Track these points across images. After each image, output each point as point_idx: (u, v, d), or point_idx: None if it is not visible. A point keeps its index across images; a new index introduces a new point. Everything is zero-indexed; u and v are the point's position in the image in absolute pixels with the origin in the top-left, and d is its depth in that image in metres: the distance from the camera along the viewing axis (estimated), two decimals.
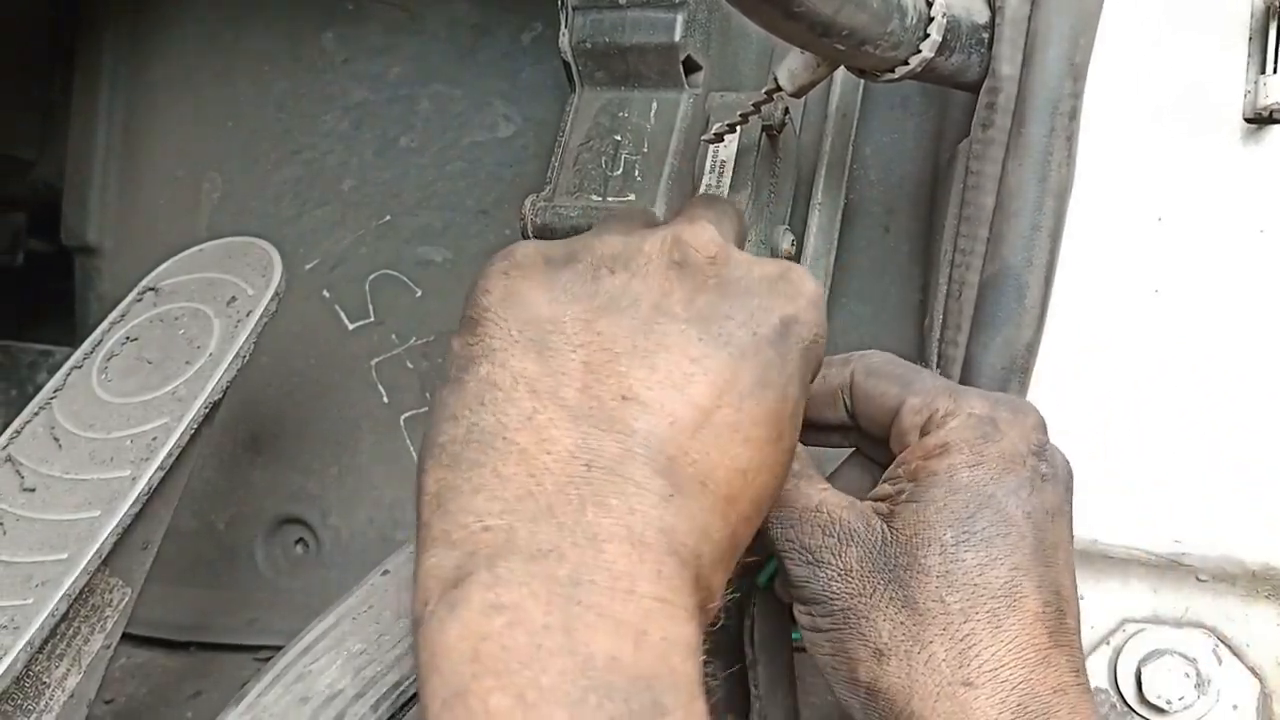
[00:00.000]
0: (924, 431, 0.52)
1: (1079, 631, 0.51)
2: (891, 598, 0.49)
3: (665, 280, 0.44)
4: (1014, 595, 0.48)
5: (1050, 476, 0.51)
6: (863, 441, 0.59)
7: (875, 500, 0.52)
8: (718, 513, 0.42)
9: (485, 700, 0.34)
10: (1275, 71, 0.60)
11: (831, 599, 0.51)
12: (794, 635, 0.71)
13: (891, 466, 0.53)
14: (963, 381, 0.61)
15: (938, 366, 0.64)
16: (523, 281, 0.44)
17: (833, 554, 0.51)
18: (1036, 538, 0.50)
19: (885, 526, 0.50)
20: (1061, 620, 0.49)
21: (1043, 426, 0.53)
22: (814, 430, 0.60)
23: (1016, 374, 0.61)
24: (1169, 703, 0.59)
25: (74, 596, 0.62)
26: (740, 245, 0.51)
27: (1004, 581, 0.48)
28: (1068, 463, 0.54)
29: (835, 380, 0.56)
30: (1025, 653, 0.48)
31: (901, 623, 0.49)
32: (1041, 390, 0.60)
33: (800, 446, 0.55)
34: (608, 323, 0.42)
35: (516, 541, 0.37)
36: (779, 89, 0.61)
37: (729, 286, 0.45)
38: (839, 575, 0.51)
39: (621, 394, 0.41)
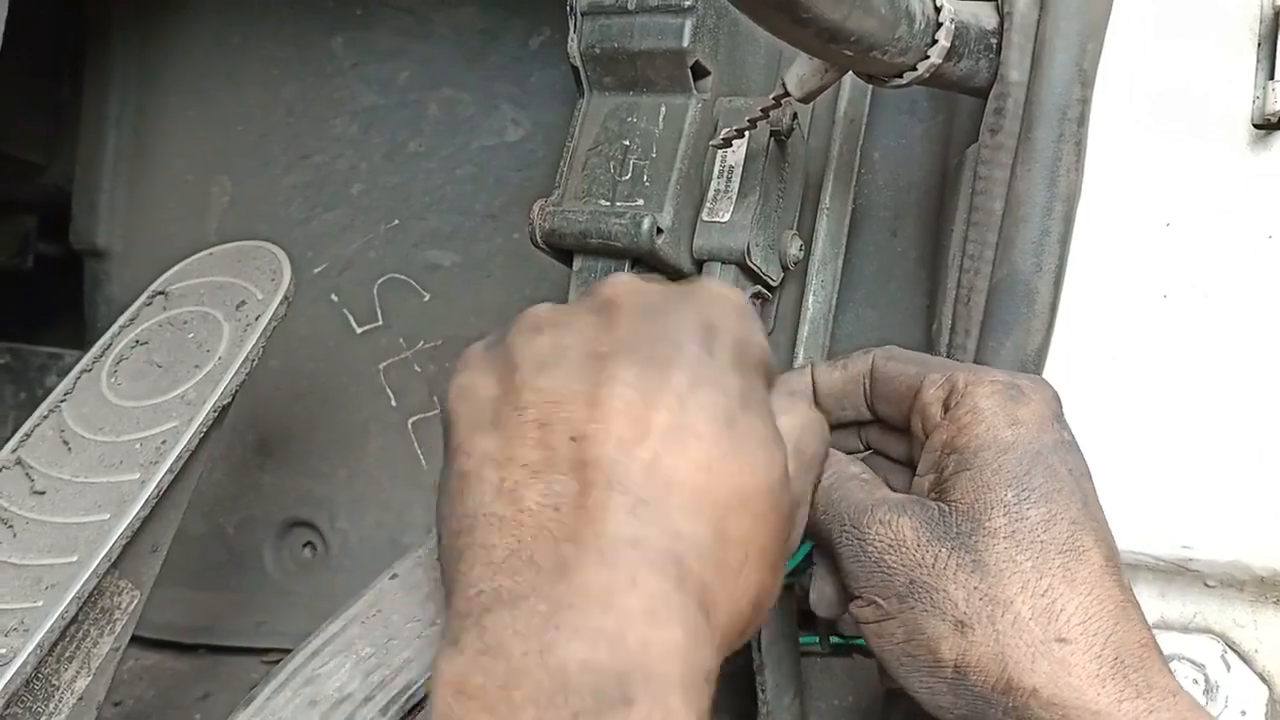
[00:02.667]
0: (947, 406, 0.52)
1: (1133, 594, 0.50)
2: (959, 563, 0.49)
3: (590, 326, 0.46)
4: (1078, 549, 0.48)
5: (1074, 444, 0.52)
6: (879, 437, 0.59)
7: (926, 493, 0.52)
8: (688, 509, 0.42)
9: None
10: None
11: (890, 574, 0.50)
12: (802, 640, 0.71)
13: (925, 452, 0.53)
14: None
15: None
16: (470, 374, 0.47)
17: (882, 524, 0.51)
18: (1083, 494, 0.50)
19: (941, 504, 0.50)
20: (1121, 577, 0.49)
21: (1059, 399, 0.53)
22: (831, 430, 0.59)
23: None
24: None
25: (83, 599, 0.63)
26: None
27: (1066, 536, 0.48)
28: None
29: (857, 368, 0.57)
30: (1105, 605, 0.48)
31: (975, 587, 0.48)
32: None
33: (864, 465, 0.56)
34: (546, 378, 0.44)
35: (501, 596, 0.40)
36: (787, 94, 0.61)
37: (648, 313, 0.47)
38: (891, 546, 0.50)
39: (570, 435, 0.43)
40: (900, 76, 0.59)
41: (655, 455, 0.42)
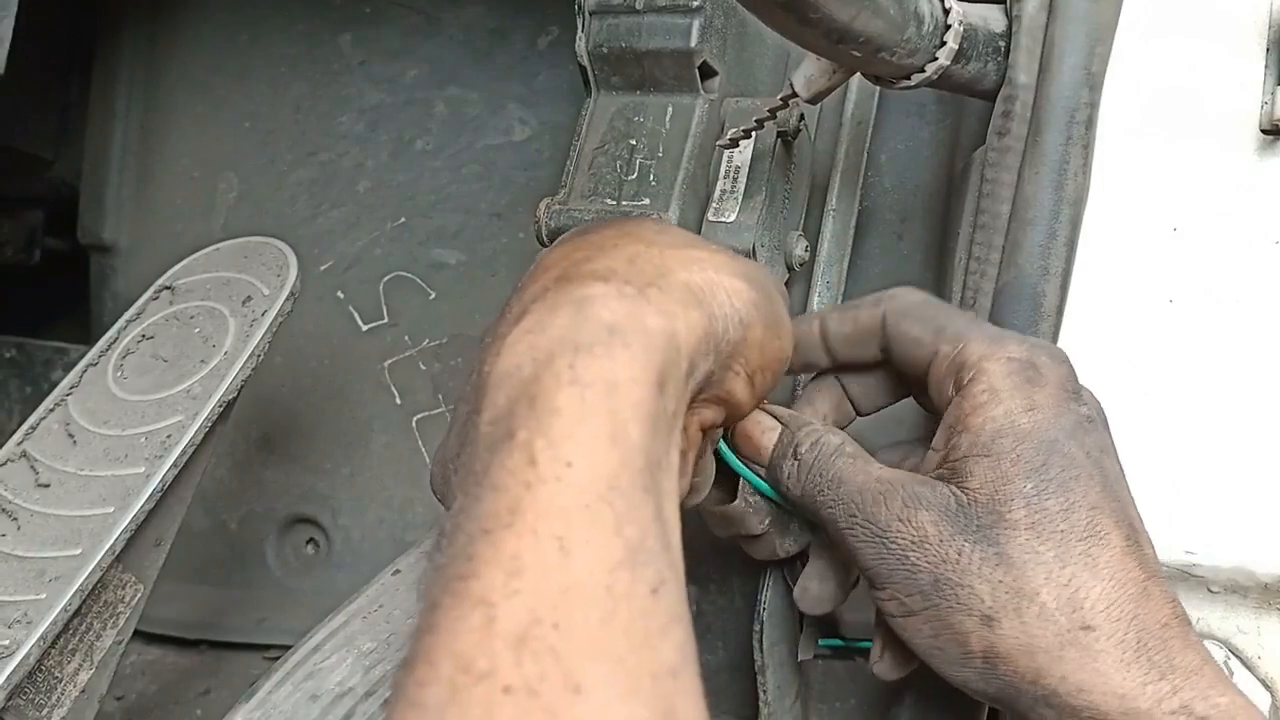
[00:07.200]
0: (959, 382, 0.52)
1: (1159, 565, 0.51)
2: (983, 557, 0.49)
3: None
4: (1098, 534, 0.49)
5: (1093, 418, 0.52)
6: (900, 380, 0.59)
7: (935, 469, 0.52)
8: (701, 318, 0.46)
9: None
10: None
11: (914, 572, 0.50)
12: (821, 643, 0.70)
13: (940, 430, 0.53)
14: None
15: None
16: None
17: (901, 521, 0.50)
18: (1102, 475, 0.50)
19: (956, 489, 0.50)
20: (1143, 552, 0.50)
21: (1074, 373, 0.53)
22: (850, 372, 0.59)
23: None
24: None
25: (87, 592, 0.63)
26: None
27: (1086, 522, 0.49)
28: (1099, 403, 0.55)
29: (867, 321, 0.57)
30: (1127, 588, 0.48)
31: (1000, 581, 0.49)
32: None
33: (845, 436, 0.55)
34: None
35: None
36: (795, 95, 0.61)
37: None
38: (914, 544, 0.50)
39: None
40: (908, 78, 0.59)
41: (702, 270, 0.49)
